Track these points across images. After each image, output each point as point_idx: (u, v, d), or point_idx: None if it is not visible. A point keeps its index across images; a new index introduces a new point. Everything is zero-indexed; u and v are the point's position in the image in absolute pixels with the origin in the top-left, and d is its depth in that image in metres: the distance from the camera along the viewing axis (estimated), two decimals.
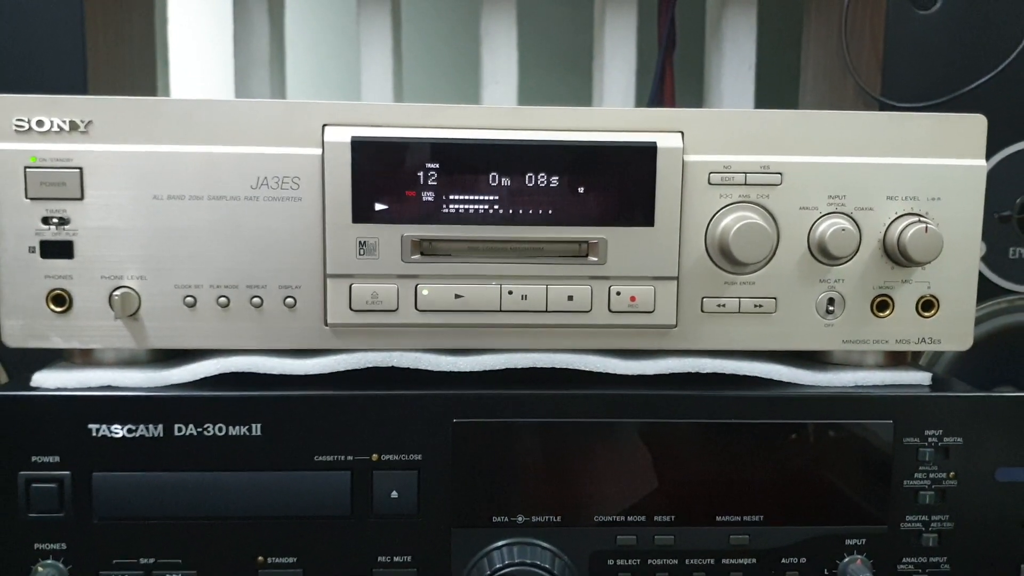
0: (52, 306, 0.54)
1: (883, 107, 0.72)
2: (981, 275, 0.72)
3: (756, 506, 0.56)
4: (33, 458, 0.53)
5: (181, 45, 0.99)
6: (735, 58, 0.92)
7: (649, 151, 0.55)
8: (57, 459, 0.54)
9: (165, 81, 0.96)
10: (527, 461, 0.56)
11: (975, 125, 0.57)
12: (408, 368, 0.57)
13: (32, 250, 0.54)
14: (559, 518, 0.56)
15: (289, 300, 0.55)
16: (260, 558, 0.55)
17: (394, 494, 0.55)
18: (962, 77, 0.71)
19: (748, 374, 0.58)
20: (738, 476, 0.56)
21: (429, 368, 0.57)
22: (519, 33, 0.92)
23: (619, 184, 0.55)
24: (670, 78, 0.90)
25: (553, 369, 0.58)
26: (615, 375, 0.57)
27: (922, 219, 0.56)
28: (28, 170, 0.53)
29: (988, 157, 0.58)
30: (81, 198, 0.54)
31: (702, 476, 0.56)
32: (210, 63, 0.95)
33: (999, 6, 0.72)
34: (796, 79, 0.93)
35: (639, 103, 0.93)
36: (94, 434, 0.54)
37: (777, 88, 0.99)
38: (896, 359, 0.60)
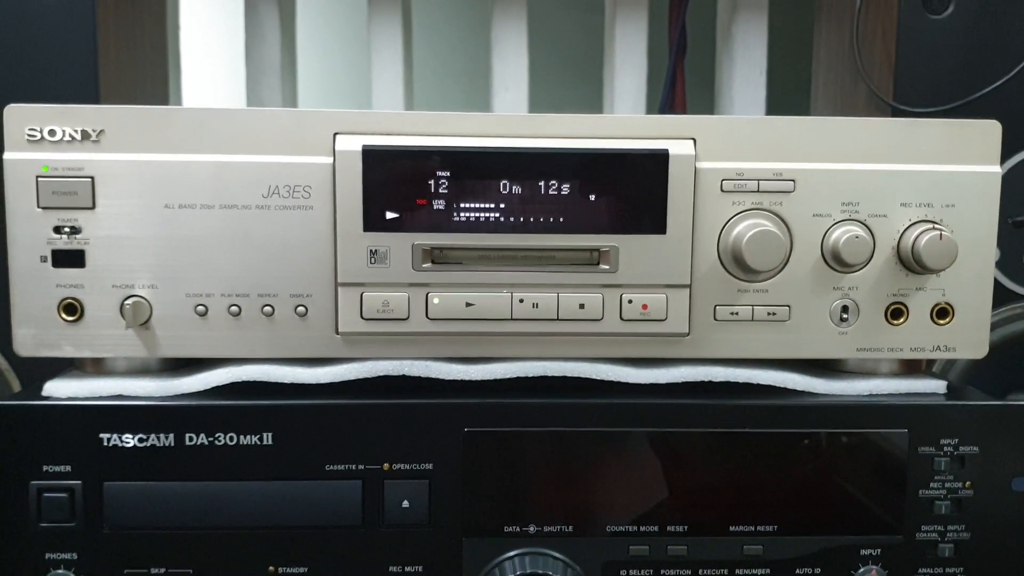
0: (63, 315, 0.54)
1: (895, 112, 0.72)
2: (995, 280, 0.72)
3: (770, 516, 0.56)
4: (44, 467, 0.53)
5: (193, 53, 0.99)
6: (746, 63, 0.91)
7: (661, 158, 0.55)
8: (68, 468, 0.53)
9: (177, 89, 0.96)
10: (539, 470, 0.55)
11: (990, 131, 0.56)
12: (419, 377, 0.57)
13: (44, 259, 0.54)
14: (571, 528, 0.56)
15: (300, 309, 0.55)
16: (271, 568, 0.55)
17: (405, 503, 0.55)
18: (975, 81, 0.71)
19: (761, 383, 0.57)
20: (752, 486, 0.56)
21: (440, 377, 0.56)
22: (529, 39, 0.91)
23: (631, 192, 0.55)
24: (681, 84, 0.90)
25: (564, 378, 0.57)
26: (627, 384, 0.57)
27: (936, 226, 0.55)
28: (40, 179, 0.53)
29: (1002, 162, 0.58)
30: (93, 207, 0.54)
31: (715, 486, 0.56)
32: (222, 70, 0.95)
33: (1011, 10, 0.71)
34: (808, 84, 0.93)
35: (650, 109, 0.93)
36: (105, 443, 0.54)
37: (789, 93, 0.99)
38: (911, 367, 0.60)
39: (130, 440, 0.54)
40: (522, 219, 0.55)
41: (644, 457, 0.56)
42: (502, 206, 0.55)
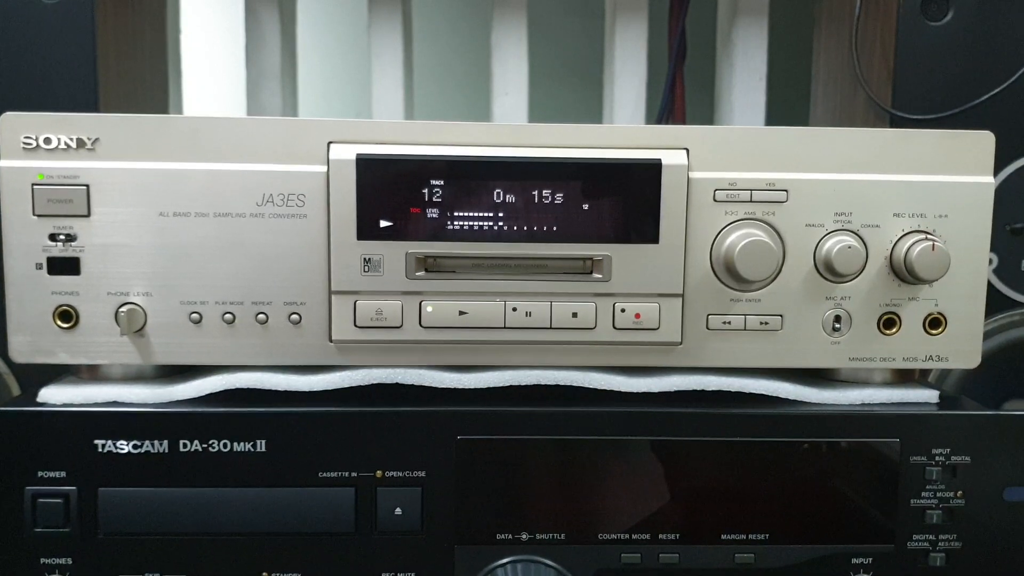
0: (59, 322, 0.55)
1: (893, 118, 0.72)
2: (992, 287, 0.72)
3: (762, 524, 0.56)
4: (39, 473, 0.54)
5: (193, 57, 0.99)
6: (746, 69, 0.91)
7: (654, 168, 0.55)
8: (63, 474, 0.54)
9: (177, 93, 0.96)
10: (531, 478, 0.56)
11: (983, 141, 0.57)
12: (412, 385, 0.57)
13: (39, 266, 0.54)
14: (563, 535, 0.56)
15: (294, 316, 0.55)
16: (264, 574, 0.55)
17: (398, 511, 0.55)
18: (973, 88, 0.71)
19: (754, 391, 0.57)
20: (744, 494, 0.56)
21: (433, 385, 0.57)
22: (529, 44, 0.92)
23: (624, 201, 0.55)
24: (680, 89, 0.90)
25: (557, 386, 0.57)
26: (620, 392, 0.57)
27: (929, 236, 0.55)
28: (35, 187, 0.54)
29: (1000, 168, 0.58)
30: (88, 215, 0.54)
31: (707, 494, 0.56)
32: (222, 75, 0.95)
33: (1010, 16, 0.71)
34: (807, 90, 0.93)
35: (649, 114, 0.93)
36: (100, 450, 0.54)
37: (788, 99, 0.99)
38: (903, 377, 0.60)
39: (124, 446, 0.54)
40: (515, 228, 0.55)
41: (636, 465, 0.56)
42: (496, 215, 0.55)
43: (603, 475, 0.56)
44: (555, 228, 0.55)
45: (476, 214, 0.55)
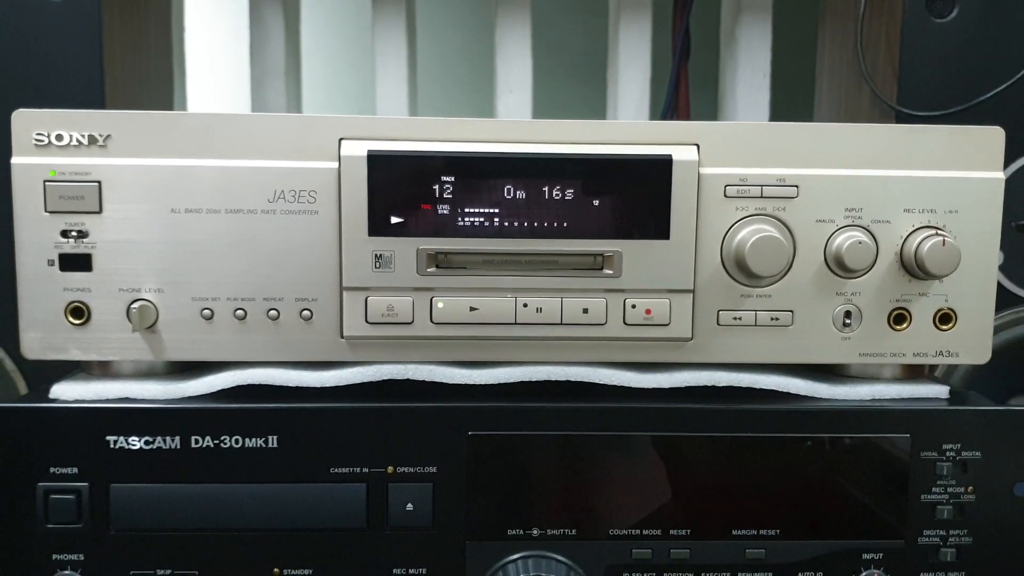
0: (70, 318, 0.55)
1: (899, 116, 0.72)
2: (998, 284, 0.72)
3: (772, 520, 0.56)
4: (51, 469, 0.54)
5: (198, 56, 0.99)
6: (750, 66, 0.91)
7: (665, 164, 0.55)
8: (75, 470, 0.54)
9: (182, 91, 0.96)
10: (542, 474, 0.56)
11: (992, 137, 0.57)
12: (423, 381, 0.57)
13: (51, 263, 0.54)
14: (574, 531, 0.56)
15: (305, 313, 0.55)
16: (276, 570, 0.55)
17: (409, 506, 0.55)
18: (979, 85, 0.71)
19: (764, 387, 0.58)
20: (754, 490, 0.56)
21: (444, 381, 0.57)
22: (533, 42, 0.92)
23: (634, 197, 0.55)
24: (684, 87, 0.90)
25: (568, 382, 0.58)
26: (630, 388, 0.57)
27: (939, 232, 0.55)
28: (47, 184, 0.54)
29: (1006, 166, 0.58)
30: (99, 211, 0.54)
31: (718, 490, 0.56)
32: (226, 73, 0.95)
33: (1016, 13, 0.71)
34: (811, 87, 0.93)
35: (653, 112, 0.93)
36: (112, 446, 0.54)
37: (792, 96, 0.99)
38: (913, 372, 0.60)
39: (136, 442, 0.54)
40: (526, 224, 0.55)
41: (647, 461, 0.56)
42: (506, 211, 0.55)
43: (613, 471, 0.56)
44: (565, 224, 0.55)
45: (487, 210, 0.55)
